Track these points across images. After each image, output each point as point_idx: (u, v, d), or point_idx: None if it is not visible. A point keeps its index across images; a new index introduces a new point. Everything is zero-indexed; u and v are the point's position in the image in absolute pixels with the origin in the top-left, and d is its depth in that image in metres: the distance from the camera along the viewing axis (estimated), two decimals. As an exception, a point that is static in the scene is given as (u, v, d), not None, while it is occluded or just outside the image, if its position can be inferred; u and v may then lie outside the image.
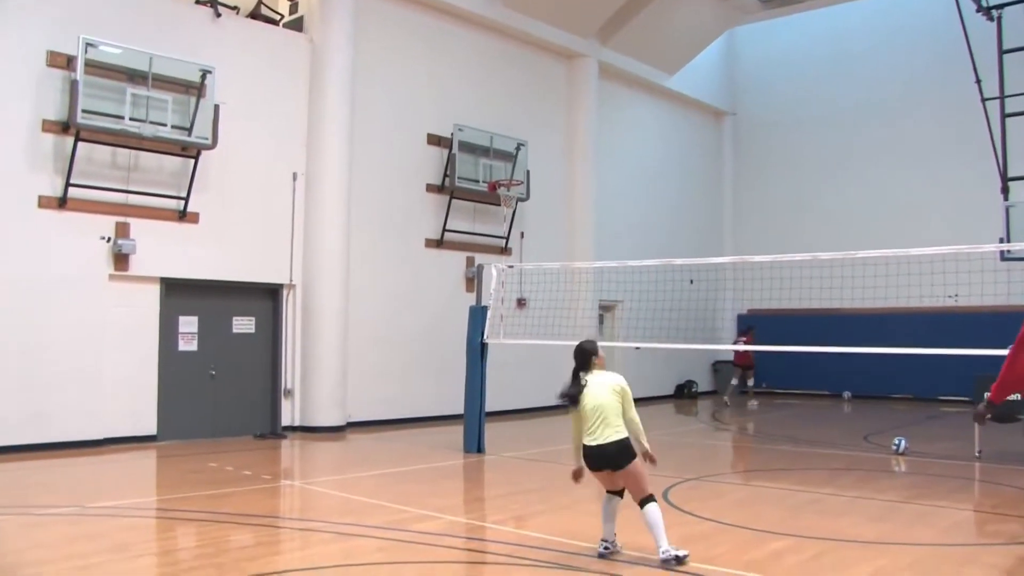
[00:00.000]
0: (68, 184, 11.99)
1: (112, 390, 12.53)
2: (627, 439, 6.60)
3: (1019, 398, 7.99)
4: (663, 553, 6.43)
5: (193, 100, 12.79)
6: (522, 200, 17.97)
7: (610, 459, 6.58)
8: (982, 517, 8.90)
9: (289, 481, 10.68)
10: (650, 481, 6.64)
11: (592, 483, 11.77)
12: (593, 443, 6.62)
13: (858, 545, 7.34)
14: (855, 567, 6.64)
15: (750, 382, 21.56)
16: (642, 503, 6.56)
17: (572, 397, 6.74)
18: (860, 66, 23.72)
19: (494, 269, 13.34)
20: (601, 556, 6.70)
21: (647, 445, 6.77)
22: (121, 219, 12.63)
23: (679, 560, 6.42)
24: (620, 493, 6.83)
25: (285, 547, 7.47)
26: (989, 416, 7.88)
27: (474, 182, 17.12)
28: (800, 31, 25.13)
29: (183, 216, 13.20)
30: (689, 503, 9.00)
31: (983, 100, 18.59)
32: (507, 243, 18.24)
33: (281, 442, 13.73)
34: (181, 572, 6.28)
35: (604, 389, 6.67)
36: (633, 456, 6.59)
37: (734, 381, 21.47)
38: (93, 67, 11.95)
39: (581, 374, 6.81)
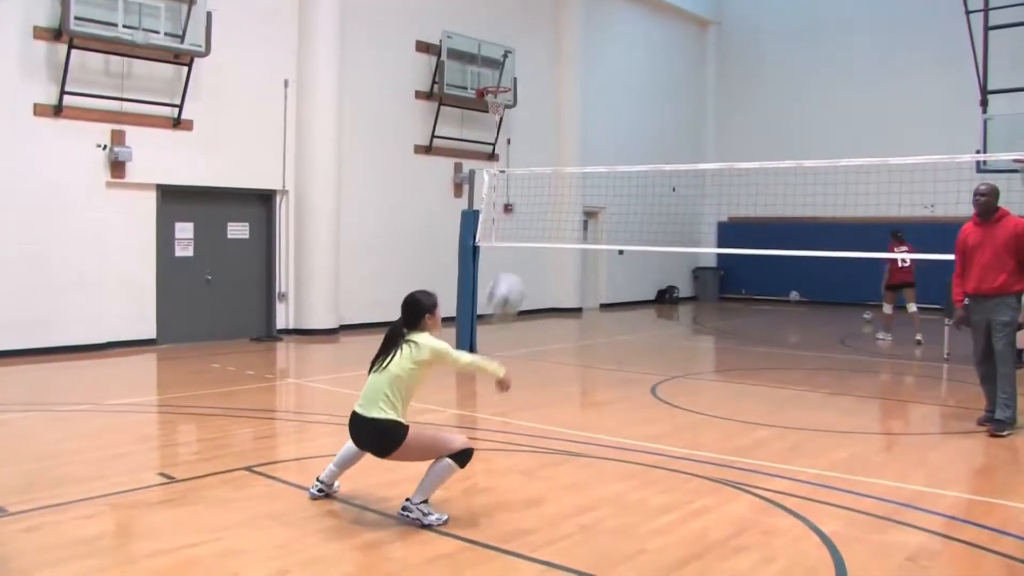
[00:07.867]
0: (63, 92, 12.07)
1: (113, 295, 12.87)
2: (393, 423, 5.24)
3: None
4: (406, 505, 5.26)
5: (185, 7, 12.79)
6: (509, 107, 18.15)
7: (369, 440, 5.36)
8: (946, 411, 9.54)
9: (293, 379, 11.17)
10: (448, 443, 5.30)
11: (574, 381, 12.43)
12: (356, 410, 5.42)
13: (834, 434, 7.94)
14: (832, 452, 7.24)
15: (913, 307, 15.23)
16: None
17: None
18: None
19: (486, 174, 13.61)
20: (312, 497, 5.72)
21: (501, 373, 5.62)
22: (116, 127, 12.77)
23: (421, 524, 5.16)
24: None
25: (306, 435, 7.98)
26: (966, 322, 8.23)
27: (462, 89, 17.27)
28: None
29: (177, 123, 13.35)
30: (676, 398, 9.61)
31: (967, 12, 18.74)
32: (494, 149, 18.47)
33: (277, 344, 14.17)
34: (206, 460, 6.72)
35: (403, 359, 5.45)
36: (399, 441, 5.21)
37: (887, 309, 15.62)
38: (83, -27, 11.94)
39: (405, 331, 5.59)
